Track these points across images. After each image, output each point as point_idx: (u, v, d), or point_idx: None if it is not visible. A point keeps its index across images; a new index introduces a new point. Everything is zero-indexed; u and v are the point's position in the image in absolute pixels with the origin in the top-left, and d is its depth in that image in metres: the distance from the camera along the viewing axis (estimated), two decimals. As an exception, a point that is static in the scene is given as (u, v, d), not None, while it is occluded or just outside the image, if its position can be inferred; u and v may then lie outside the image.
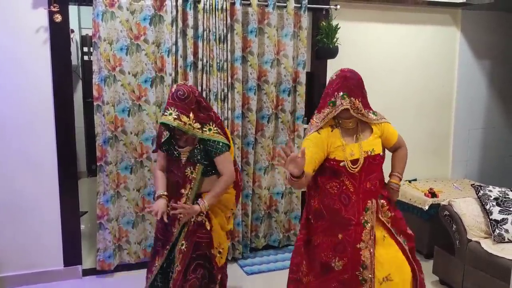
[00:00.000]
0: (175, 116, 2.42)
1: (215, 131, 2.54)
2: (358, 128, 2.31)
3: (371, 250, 2.25)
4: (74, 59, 5.47)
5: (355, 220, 2.26)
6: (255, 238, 3.85)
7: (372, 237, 2.26)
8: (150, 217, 3.53)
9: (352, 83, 2.24)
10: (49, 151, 3.27)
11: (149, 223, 3.54)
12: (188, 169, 2.55)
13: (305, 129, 3.87)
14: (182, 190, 2.57)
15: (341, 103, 2.20)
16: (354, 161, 2.25)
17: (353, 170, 2.25)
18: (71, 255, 3.42)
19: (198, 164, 2.55)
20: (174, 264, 2.63)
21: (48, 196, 3.30)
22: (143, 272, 3.52)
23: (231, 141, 2.67)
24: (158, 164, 2.70)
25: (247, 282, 3.47)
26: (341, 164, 2.25)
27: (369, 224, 2.27)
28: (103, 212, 3.38)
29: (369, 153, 2.27)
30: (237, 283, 3.44)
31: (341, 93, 2.21)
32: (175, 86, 2.56)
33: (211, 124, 2.55)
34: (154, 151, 2.90)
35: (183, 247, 2.59)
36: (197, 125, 2.48)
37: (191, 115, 2.45)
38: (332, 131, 2.29)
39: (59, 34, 3.18)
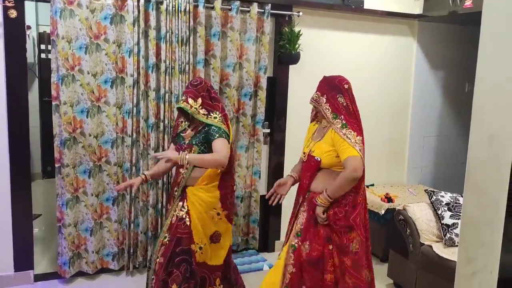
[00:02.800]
0: (183, 99, 2.70)
1: (219, 120, 2.73)
2: (327, 130, 2.48)
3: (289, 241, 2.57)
4: (31, 57, 5.30)
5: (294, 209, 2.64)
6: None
7: (291, 230, 2.59)
8: (108, 224, 3.45)
9: (322, 81, 2.59)
10: (1, 151, 3.13)
11: (107, 230, 3.46)
12: (186, 151, 2.71)
13: (264, 133, 3.90)
14: (181, 170, 2.77)
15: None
16: (304, 153, 2.58)
17: (303, 159, 2.57)
18: (23, 260, 3.30)
19: (194, 146, 2.71)
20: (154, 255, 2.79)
21: (-1, 198, 3.17)
22: (98, 280, 3.47)
23: (231, 136, 2.83)
24: None
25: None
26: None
27: (294, 218, 2.60)
28: (61, 216, 3.29)
29: (311, 152, 2.51)
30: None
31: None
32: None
33: (217, 113, 2.74)
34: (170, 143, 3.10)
35: (166, 239, 2.74)
36: (204, 111, 2.70)
37: (199, 100, 2.68)
38: (314, 125, 2.63)
39: (14, 30, 3.07)
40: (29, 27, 4.84)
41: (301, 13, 3.76)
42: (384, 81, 4.37)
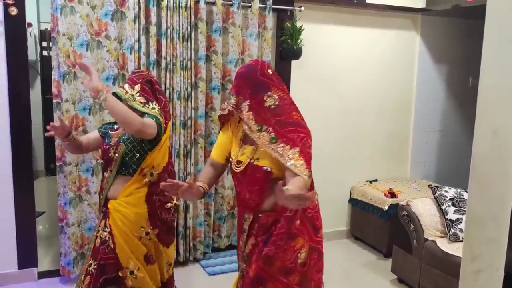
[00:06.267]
0: (121, 86, 2.40)
1: (158, 112, 2.34)
2: None
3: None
4: (32, 54, 5.30)
5: (239, 227, 2.06)
6: (218, 238, 3.83)
7: (242, 252, 2.04)
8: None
9: (241, 80, 1.93)
10: (3, 149, 3.13)
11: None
12: (112, 150, 2.35)
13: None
14: (105, 174, 2.40)
15: (227, 105, 1.96)
16: (238, 162, 1.95)
17: (236, 169, 1.95)
18: (26, 257, 3.30)
19: (120, 144, 2.32)
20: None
21: (2, 196, 3.17)
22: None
23: (167, 139, 2.43)
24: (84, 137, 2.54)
25: (209, 283, 3.44)
26: (231, 159, 2.02)
27: (244, 234, 2.01)
28: (63, 215, 3.28)
29: (253, 161, 1.90)
30: (199, 284, 3.41)
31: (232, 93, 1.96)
32: None
33: (156, 105, 2.37)
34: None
35: (91, 267, 2.31)
36: (141, 99, 2.33)
37: (137, 86, 2.35)
38: (239, 122, 2.00)
39: (15, 27, 3.06)
40: (30, 25, 4.82)
41: (302, 8, 3.74)
42: (387, 75, 4.34)
